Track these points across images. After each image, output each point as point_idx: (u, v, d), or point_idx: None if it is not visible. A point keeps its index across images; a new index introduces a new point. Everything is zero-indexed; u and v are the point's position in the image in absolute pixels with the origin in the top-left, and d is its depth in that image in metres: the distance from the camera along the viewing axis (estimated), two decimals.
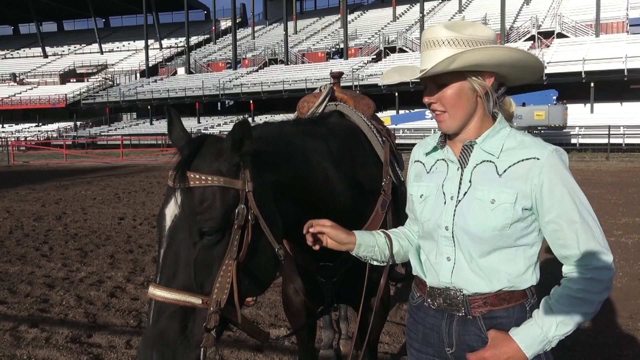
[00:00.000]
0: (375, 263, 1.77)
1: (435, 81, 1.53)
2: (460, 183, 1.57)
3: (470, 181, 1.55)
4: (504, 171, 1.51)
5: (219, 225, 1.49)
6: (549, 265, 1.61)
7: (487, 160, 1.55)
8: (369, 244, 1.73)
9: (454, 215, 1.54)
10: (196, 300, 1.46)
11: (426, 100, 1.57)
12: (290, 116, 2.81)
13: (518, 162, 1.51)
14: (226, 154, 1.53)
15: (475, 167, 1.56)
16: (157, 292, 1.45)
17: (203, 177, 1.50)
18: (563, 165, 1.50)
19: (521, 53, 1.51)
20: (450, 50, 1.49)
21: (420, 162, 1.73)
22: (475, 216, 1.50)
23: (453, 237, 1.54)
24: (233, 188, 1.53)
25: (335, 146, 2.12)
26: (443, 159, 1.64)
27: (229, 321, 1.53)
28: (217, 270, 1.49)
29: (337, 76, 2.91)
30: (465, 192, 1.54)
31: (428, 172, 1.67)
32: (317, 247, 1.69)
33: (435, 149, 1.68)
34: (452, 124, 1.55)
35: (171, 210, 1.51)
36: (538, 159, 1.49)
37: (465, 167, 1.58)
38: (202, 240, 1.48)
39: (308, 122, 2.21)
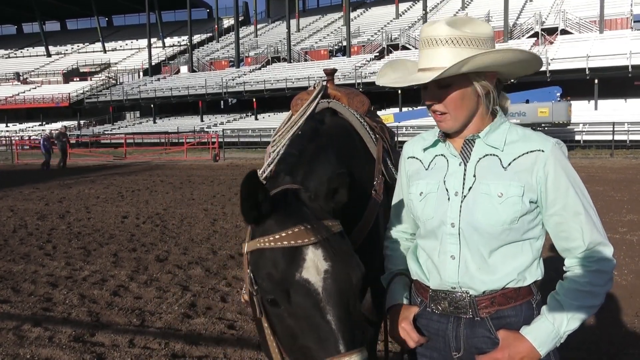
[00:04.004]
0: None
1: (438, 82, 1.50)
2: (464, 178, 1.54)
3: (474, 176, 1.53)
4: (509, 164, 1.50)
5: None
6: (553, 263, 1.60)
7: (491, 154, 1.53)
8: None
9: (460, 211, 1.51)
10: (365, 352, 1.37)
11: (428, 102, 1.54)
12: None
13: (523, 154, 1.50)
14: (323, 202, 1.49)
15: (478, 161, 1.54)
16: (354, 358, 1.31)
17: (336, 223, 1.45)
18: (565, 158, 1.51)
19: (527, 54, 1.52)
20: (452, 50, 1.47)
21: (417, 158, 1.69)
22: (483, 211, 1.48)
23: (459, 234, 1.51)
24: None
25: (333, 155, 2.10)
26: (442, 155, 1.61)
27: None
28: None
29: (330, 73, 2.85)
30: (470, 187, 1.52)
31: (427, 169, 1.64)
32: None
33: (435, 143, 1.64)
34: (454, 125, 1.54)
35: (322, 267, 1.35)
36: (543, 151, 1.49)
37: (468, 162, 1.55)
38: (359, 285, 1.42)
39: (307, 138, 2.09)
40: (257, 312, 1.40)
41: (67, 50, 70.47)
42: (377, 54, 46.19)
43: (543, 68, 33.52)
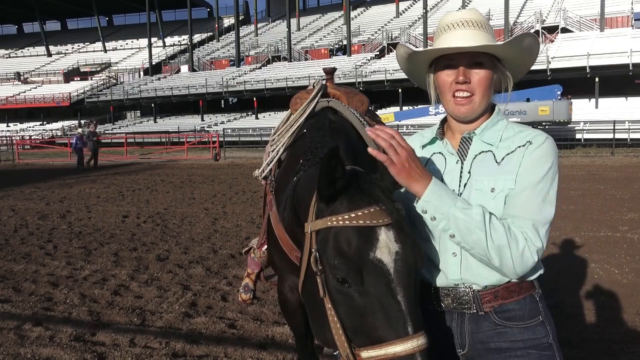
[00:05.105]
0: None
1: (471, 59, 1.51)
2: (460, 176, 1.55)
3: (469, 172, 1.54)
4: (502, 159, 1.52)
5: None
6: (554, 262, 1.60)
7: (486, 151, 1.55)
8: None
9: None
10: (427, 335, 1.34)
11: (461, 78, 1.50)
12: None
13: (516, 148, 1.52)
14: (389, 183, 1.47)
15: (474, 158, 1.55)
16: (421, 340, 1.30)
17: (401, 206, 1.44)
18: (555, 153, 1.51)
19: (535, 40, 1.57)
20: (488, 36, 1.51)
21: None
22: None
23: None
24: None
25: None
26: (440, 153, 1.62)
27: None
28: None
29: (330, 72, 2.84)
30: (465, 184, 1.53)
31: (424, 167, 1.64)
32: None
33: (433, 141, 1.65)
34: (477, 108, 1.54)
35: (393, 248, 1.35)
36: (531, 143, 1.50)
37: (464, 160, 1.57)
38: (421, 269, 1.43)
39: (328, 130, 2.11)
40: (321, 292, 1.37)
41: (67, 49, 70.51)
42: (378, 52, 46.21)
43: (544, 66, 33.53)
